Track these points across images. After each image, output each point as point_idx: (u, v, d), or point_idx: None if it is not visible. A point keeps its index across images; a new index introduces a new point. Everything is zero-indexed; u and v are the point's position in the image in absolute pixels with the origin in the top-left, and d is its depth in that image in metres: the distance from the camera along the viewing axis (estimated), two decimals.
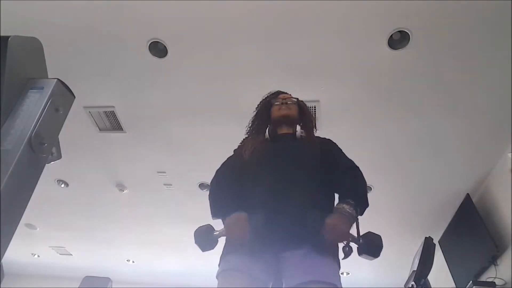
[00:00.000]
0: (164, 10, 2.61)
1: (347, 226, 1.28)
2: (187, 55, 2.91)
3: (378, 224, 4.47)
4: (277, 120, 1.69)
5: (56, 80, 1.02)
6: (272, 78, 2.95)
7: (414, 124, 3.29)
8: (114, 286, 4.38)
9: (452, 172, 3.74)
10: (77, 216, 5.07)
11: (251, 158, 1.55)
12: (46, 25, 2.74)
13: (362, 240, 1.27)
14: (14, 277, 6.30)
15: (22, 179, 0.89)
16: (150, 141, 3.75)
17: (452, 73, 2.85)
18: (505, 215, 3.38)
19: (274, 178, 1.45)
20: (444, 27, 2.56)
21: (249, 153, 1.57)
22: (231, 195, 1.44)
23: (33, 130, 0.91)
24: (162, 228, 5.12)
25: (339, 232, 1.26)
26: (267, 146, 1.61)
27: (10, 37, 0.96)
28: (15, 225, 0.87)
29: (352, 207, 1.32)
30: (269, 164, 1.52)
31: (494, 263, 3.38)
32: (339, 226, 1.26)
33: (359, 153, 3.72)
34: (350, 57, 2.83)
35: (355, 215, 1.31)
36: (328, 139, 1.68)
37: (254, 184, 1.46)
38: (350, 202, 1.33)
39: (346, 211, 1.30)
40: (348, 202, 1.33)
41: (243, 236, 1.30)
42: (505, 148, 3.39)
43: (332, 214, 1.30)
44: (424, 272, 3.17)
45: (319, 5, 2.51)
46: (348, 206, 1.32)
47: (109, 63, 3.03)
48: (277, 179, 1.45)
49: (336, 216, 1.30)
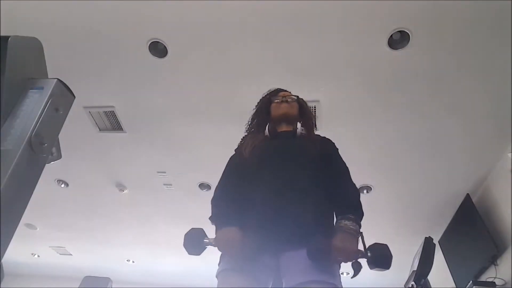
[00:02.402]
0: (164, 10, 2.61)
1: (355, 244, 1.24)
2: (187, 55, 2.91)
3: (378, 224, 4.50)
4: (277, 117, 1.68)
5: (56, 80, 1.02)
6: (272, 78, 2.95)
7: (414, 124, 3.29)
8: (114, 286, 4.38)
9: (452, 172, 3.74)
10: (77, 216, 5.07)
11: (251, 155, 1.55)
12: (46, 25, 2.74)
13: (370, 253, 1.23)
14: (14, 277, 6.30)
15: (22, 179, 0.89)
16: (150, 141, 3.75)
17: (452, 73, 2.85)
18: (505, 215, 3.38)
19: (274, 176, 1.45)
20: (444, 27, 2.56)
21: (249, 150, 1.56)
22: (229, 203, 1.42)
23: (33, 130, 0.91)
24: (162, 228, 5.12)
25: (349, 253, 1.22)
26: (267, 144, 1.60)
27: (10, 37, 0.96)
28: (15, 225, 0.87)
29: (354, 222, 1.28)
30: (269, 162, 1.51)
31: (494, 263, 3.38)
32: (347, 246, 1.22)
33: (359, 153, 3.76)
34: (350, 57, 2.83)
35: (358, 229, 1.28)
36: (328, 139, 1.67)
37: (254, 182, 1.45)
38: (351, 218, 1.29)
39: (350, 228, 1.27)
40: (349, 218, 1.30)
41: (232, 253, 1.29)
42: (505, 148, 3.39)
43: (337, 234, 1.26)
44: (424, 272, 3.17)
45: (319, 5, 2.51)
46: (351, 222, 1.28)
47: (109, 63, 3.02)
48: (277, 177, 1.44)
49: (342, 236, 1.25)
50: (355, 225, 1.28)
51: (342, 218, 1.31)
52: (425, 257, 3.18)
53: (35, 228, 5.46)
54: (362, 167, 3.65)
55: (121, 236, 5.47)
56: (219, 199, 1.47)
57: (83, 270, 5.37)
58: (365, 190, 4.00)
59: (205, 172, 4.00)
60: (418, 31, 2.59)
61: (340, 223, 1.29)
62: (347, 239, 1.24)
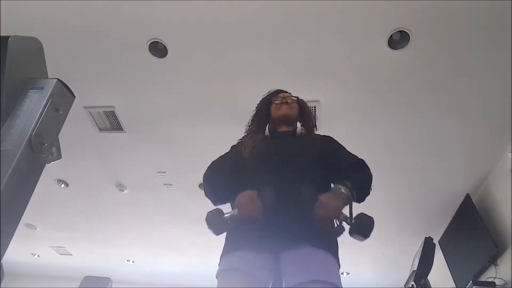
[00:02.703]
0: (164, 10, 2.61)
1: (339, 204, 1.28)
2: (187, 55, 2.91)
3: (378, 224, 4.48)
4: (277, 118, 1.69)
5: (56, 80, 1.02)
6: (272, 78, 2.95)
7: (414, 124, 3.29)
8: (114, 286, 4.39)
9: (452, 172, 3.74)
10: (77, 216, 5.07)
11: (251, 155, 1.55)
12: (46, 25, 2.74)
13: (355, 221, 1.27)
14: (14, 277, 6.30)
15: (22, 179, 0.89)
16: (150, 141, 3.75)
17: (452, 73, 2.85)
18: (505, 215, 3.38)
19: (274, 176, 1.45)
20: (444, 27, 2.56)
21: (249, 150, 1.57)
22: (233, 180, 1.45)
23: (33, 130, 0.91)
24: (162, 228, 5.12)
25: (331, 208, 1.26)
26: (267, 143, 1.61)
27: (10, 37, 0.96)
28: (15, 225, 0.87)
29: (348, 189, 1.31)
30: (269, 161, 1.52)
31: (494, 263, 3.38)
32: (331, 202, 1.26)
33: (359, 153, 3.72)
34: (350, 57, 2.83)
35: (350, 196, 1.31)
36: (328, 136, 1.67)
37: (254, 182, 1.46)
38: (347, 184, 1.32)
39: (341, 191, 1.30)
40: (344, 183, 1.33)
41: (256, 211, 1.28)
42: (505, 148, 3.39)
43: (326, 193, 1.30)
44: (424, 272, 3.17)
45: (319, 5, 2.51)
46: (344, 188, 1.31)
47: (109, 63, 3.02)
48: (277, 176, 1.45)
49: (330, 194, 1.30)
50: (347, 191, 1.31)
51: (338, 183, 1.33)
52: (425, 257, 3.18)
53: (35, 228, 5.46)
54: None
55: (121, 236, 5.47)
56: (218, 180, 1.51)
57: (83, 270, 5.37)
58: None
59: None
60: (418, 31, 2.59)
61: (334, 187, 1.33)
62: (333, 197, 1.28)
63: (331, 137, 1.67)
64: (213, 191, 1.51)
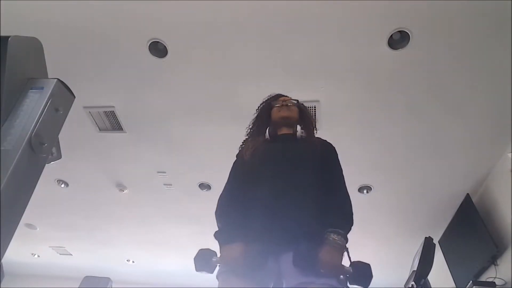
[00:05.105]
0: (164, 10, 2.61)
1: (340, 260, 1.30)
2: (187, 55, 2.91)
3: (378, 224, 4.50)
4: (277, 121, 1.71)
5: (56, 80, 1.02)
6: (272, 78, 2.95)
7: (414, 124, 3.29)
8: (114, 286, 4.38)
9: (452, 172, 3.74)
10: (77, 216, 5.07)
11: (252, 158, 1.57)
12: (46, 25, 2.73)
13: (353, 270, 1.30)
14: (14, 277, 6.30)
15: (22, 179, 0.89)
16: (150, 141, 3.75)
17: (452, 73, 2.85)
18: (505, 215, 3.38)
19: (274, 179, 1.46)
20: (444, 27, 2.56)
21: (249, 153, 1.59)
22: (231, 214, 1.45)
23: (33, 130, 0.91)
24: (162, 228, 5.12)
25: (332, 268, 1.27)
26: (268, 146, 1.63)
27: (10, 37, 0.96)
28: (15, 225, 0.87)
29: (342, 238, 1.33)
30: (270, 164, 1.53)
31: (494, 263, 3.38)
32: (333, 261, 1.28)
33: (359, 153, 3.76)
34: (350, 57, 2.83)
35: (345, 245, 1.34)
36: (329, 143, 1.68)
37: (255, 185, 1.47)
38: (340, 233, 1.34)
39: (337, 243, 1.31)
40: (338, 232, 1.33)
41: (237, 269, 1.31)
42: (505, 148, 3.39)
43: (325, 247, 1.30)
44: (424, 272, 3.17)
45: (319, 5, 2.51)
46: (339, 238, 1.32)
47: (109, 63, 3.02)
48: (277, 178, 1.46)
49: (330, 250, 1.29)
50: (343, 240, 1.33)
51: (333, 231, 1.34)
52: (425, 257, 3.17)
53: (35, 228, 5.46)
54: (362, 167, 3.65)
55: (121, 236, 5.47)
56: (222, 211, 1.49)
57: (83, 270, 5.37)
58: (365, 190, 3.98)
59: (205, 172, 4.00)
60: (418, 31, 2.59)
61: (329, 236, 1.32)
62: (334, 254, 1.29)
63: (333, 148, 1.66)
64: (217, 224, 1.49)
